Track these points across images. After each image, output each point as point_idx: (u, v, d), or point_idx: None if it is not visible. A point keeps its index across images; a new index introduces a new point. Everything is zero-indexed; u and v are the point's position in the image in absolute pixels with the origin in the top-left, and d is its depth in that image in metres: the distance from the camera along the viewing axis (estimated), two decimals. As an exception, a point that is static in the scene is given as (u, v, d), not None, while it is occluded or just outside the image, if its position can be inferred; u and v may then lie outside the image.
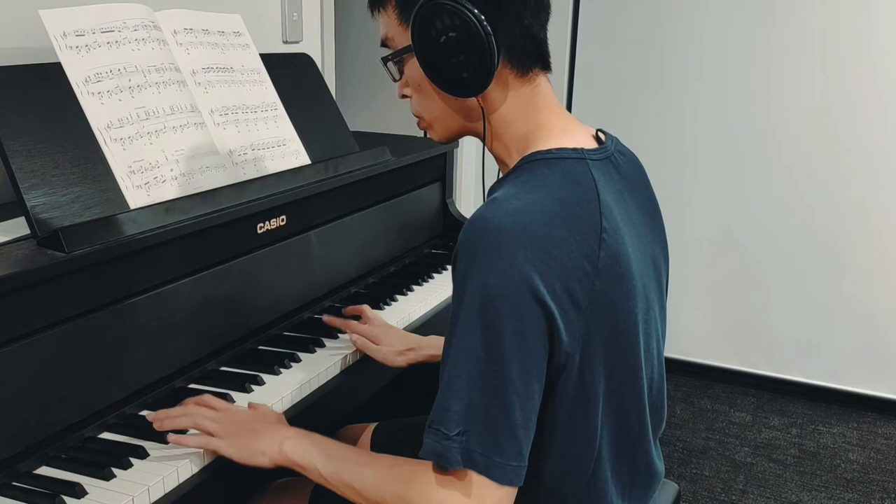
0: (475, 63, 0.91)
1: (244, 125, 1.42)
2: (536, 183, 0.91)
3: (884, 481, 2.40)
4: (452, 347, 0.87)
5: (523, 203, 0.88)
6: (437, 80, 0.95)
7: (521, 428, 0.87)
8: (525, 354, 0.86)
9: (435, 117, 1.02)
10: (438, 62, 0.93)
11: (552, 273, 0.86)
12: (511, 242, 0.85)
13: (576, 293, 0.87)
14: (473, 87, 0.94)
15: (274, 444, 1.01)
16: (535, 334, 0.86)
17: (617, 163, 1.00)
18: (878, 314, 2.70)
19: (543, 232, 0.86)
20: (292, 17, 2.02)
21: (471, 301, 0.85)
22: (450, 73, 0.93)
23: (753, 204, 2.78)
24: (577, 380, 0.92)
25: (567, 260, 0.87)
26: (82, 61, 1.18)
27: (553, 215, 0.88)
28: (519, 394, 0.86)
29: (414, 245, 1.84)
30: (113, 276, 1.07)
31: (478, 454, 0.85)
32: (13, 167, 1.05)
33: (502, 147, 1.01)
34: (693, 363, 3.00)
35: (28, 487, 0.95)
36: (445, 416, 0.86)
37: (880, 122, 2.56)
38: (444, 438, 0.86)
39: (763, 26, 2.62)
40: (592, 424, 0.95)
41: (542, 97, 0.98)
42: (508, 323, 0.84)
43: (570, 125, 1.00)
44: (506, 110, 0.98)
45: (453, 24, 0.90)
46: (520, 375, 0.86)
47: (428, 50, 0.93)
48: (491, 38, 0.90)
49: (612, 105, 2.86)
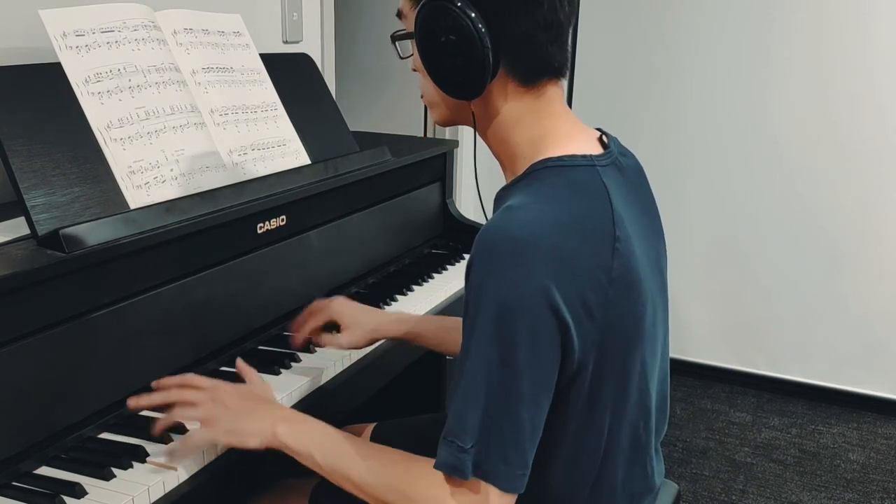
0: (469, 72, 0.91)
1: (244, 125, 1.42)
2: (549, 192, 0.91)
3: (884, 481, 2.40)
4: (469, 358, 0.86)
5: (538, 213, 0.88)
6: (433, 75, 0.95)
7: (529, 439, 0.87)
8: (538, 367, 0.86)
9: (433, 102, 1.02)
10: (436, 58, 0.93)
11: (568, 283, 0.85)
12: (528, 253, 0.84)
13: (590, 303, 0.87)
14: (466, 93, 0.94)
15: (266, 426, 0.97)
16: (549, 345, 0.86)
17: (621, 166, 1.00)
18: (878, 314, 2.70)
19: (560, 242, 0.86)
20: (292, 17, 2.02)
21: (487, 312, 0.85)
22: (445, 71, 0.93)
23: (753, 204, 2.77)
24: (588, 388, 0.92)
25: (582, 270, 0.87)
26: (82, 61, 1.18)
27: (568, 225, 0.87)
28: (529, 406, 0.86)
29: (414, 245, 1.84)
30: (113, 276, 1.07)
31: (486, 464, 0.85)
32: (13, 167, 1.05)
33: (507, 151, 0.99)
34: (693, 363, 2.99)
35: (28, 487, 0.95)
36: (461, 428, 0.86)
37: (879, 122, 2.56)
38: (460, 451, 0.85)
39: (762, 27, 2.62)
40: (600, 430, 0.95)
41: (549, 105, 0.96)
42: (524, 335, 0.84)
43: (576, 130, 0.99)
44: (509, 116, 0.96)
45: (455, 28, 0.89)
46: (531, 388, 0.86)
47: (427, 43, 0.93)
48: (488, 52, 0.89)
49: (612, 105, 2.85)
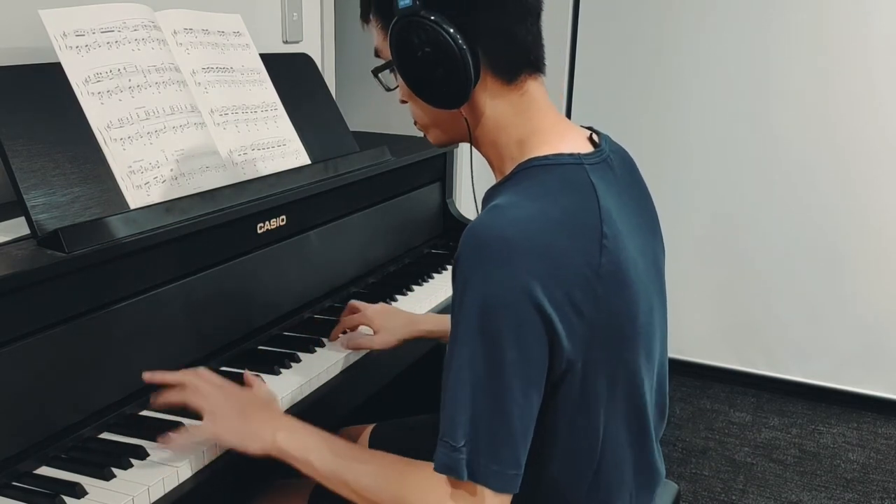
0: (453, 78, 0.91)
1: (244, 125, 1.42)
2: (537, 191, 0.91)
3: (884, 481, 2.40)
4: (455, 356, 0.87)
5: (526, 212, 0.88)
6: (419, 93, 0.96)
7: (520, 437, 0.87)
8: (525, 364, 0.86)
9: (426, 125, 1.03)
10: (417, 76, 0.94)
11: (554, 281, 0.85)
12: (515, 252, 0.84)
13: (578, 300, 0.87)
14: (454, 100, 0.94)
15: (267, 433, 0.99)
16: (535, 343, 0.86)
17: (613, 164, 1.00)
18: (878, 314, 2.70)
19: (548, 241, 0.86)
20: (292, 17, 2.02)
21: (471, 310, 0.85)
22: (429, 86, 0.94)
23: (753, 204, 2.77)
24: (580, 385, 0.91)
25: (569, 267, 0.87)
26: (82, 61, 1.18)
27: (556, 224, 0.88)
28: (519, 403, 0.86)
29: (414, 245, 1.84)
30: (113, 276, 1.07)
31: (478, 464, 0.85)
32: (13, 167, 1.05)
33: (496, 153, 1.00)
34: (693, 363, 2.99)
35: (28, 487, 0.95)
36: (452, 427, 0.86)
37: (879, 122, 2.56)
38: (453, 450, 0.86)
39: (761, 26, 2.62)
40: (594, 428, 0.95)
41: (533, 102, 0.97)
42: (509, 333, 0.84)
43: (565, 129, 0.99)
44: (496, 117, 0.97)
45: (429, 40, 0.90)
46: (520, 385, 0.86)
47: (406, 64, 0.94)
48: (465, 53, 0.89)
49: (611, 105, 2.85)
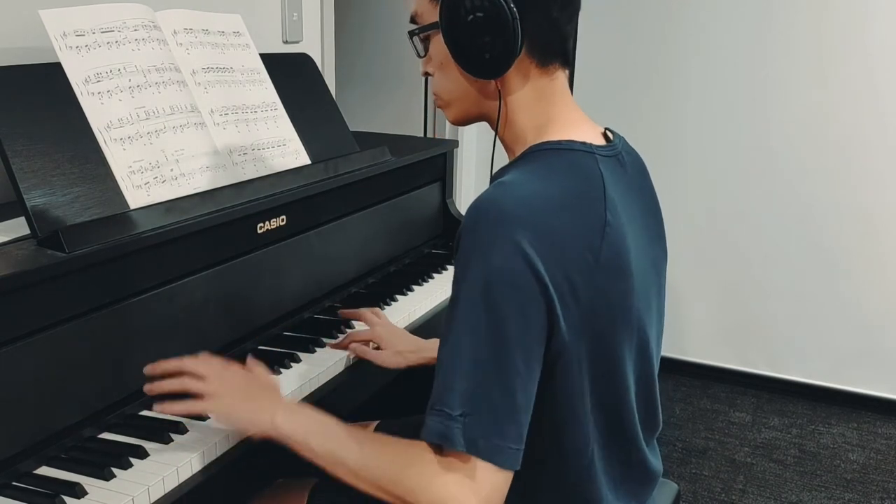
0: (499, 46, 0.92)
1: (244, 125, 1.42)
2: (544, 171, 0.92)
3: (884, 481, 2.40)
4: (454, 328, 0.87)
5: (531, 190, 0.89)
6: (460, 59, 0.96)
7: (523, 411, 0.87)
8: (528, 337, 0.86)
9: (453, 98, 1.03)
10: (463, 40, 0.94)
11: (555, 261, 0.86)
12: (516, 226, 0.85)
13: (576, 284, 0.88)
14: (494, 70, 0.95)
15: (266, 415, 0.98)
16: (536, 318, 0.86)
17: (624, 162, 1.01)
18: (878, 314, 2.70)
19: (549, 220, 0.87)
20: (292, 17, 2.02)
21: (474, 282, 0.85)
22: (473, 52, 0.94)
23: (753, 203, 2.78)
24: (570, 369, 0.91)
25: (569, 250, 0.87)
26: (82, 61, 1.18)
27: (559, 205, 0.88)
28: (522, 376, 0.86)
29: (414, 245, 1.84)
30: (113, 276, 1.07)
31: (480, 438, 0.85)
32: (13, 167, 1.05)
33: (513, 135, 1.01)
34: (693, 363, 2.99)
35: (28, 487, 0.95)
36: (448, 396, 0.86)
37: (879, 122, 2.56)
38: (448, 419, 0.85)
39: (762, 26, 2.62)
40: (582, 413, 0.95)
41: (557, 91, 0.99)
42: (512, 305, 0.84)
43: (582, 121, 1.01)
44: (521, 99, 0.98)
45: (482, 5, 0.91)
46: (523, 358, 0.86)
47: (454, 27, 0.94)
48: (517, 22, 0.90)
49: (611, 104, 2.85)
